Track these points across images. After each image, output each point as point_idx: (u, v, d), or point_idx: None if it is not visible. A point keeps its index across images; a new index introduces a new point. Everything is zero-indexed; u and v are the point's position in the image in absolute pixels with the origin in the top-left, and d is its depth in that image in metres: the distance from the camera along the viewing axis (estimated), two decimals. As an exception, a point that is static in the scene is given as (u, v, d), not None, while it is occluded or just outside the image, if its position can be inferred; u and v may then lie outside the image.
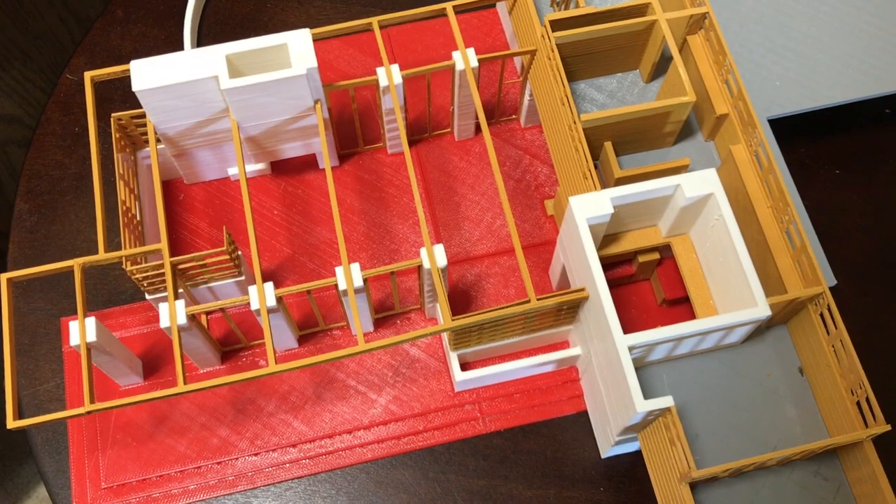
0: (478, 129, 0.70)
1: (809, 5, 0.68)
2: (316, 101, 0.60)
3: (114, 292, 0.65)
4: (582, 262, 0.54)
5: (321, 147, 0.65)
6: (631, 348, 0.51)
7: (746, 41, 0.66)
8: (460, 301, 0.65)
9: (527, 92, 0.67)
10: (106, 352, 0.56)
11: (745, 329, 0.54)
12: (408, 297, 0.64)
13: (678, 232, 0.59)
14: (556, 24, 0.60)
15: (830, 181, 0.69)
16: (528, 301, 0.54)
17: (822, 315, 0.53)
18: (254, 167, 0.67)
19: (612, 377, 0.53)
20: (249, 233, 0.55)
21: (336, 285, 0.55)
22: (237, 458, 0.60)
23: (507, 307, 0.54)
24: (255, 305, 0.54)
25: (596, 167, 0.62)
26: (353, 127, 0.68)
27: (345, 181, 0.69)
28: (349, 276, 0.55)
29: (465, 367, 0.62)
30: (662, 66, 0.64)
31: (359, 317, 0.54)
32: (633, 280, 0.64)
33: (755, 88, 0.64)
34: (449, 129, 0.70)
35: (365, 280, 0.56)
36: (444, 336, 0.61)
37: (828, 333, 0.53)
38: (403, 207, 0.68)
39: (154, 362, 0.63)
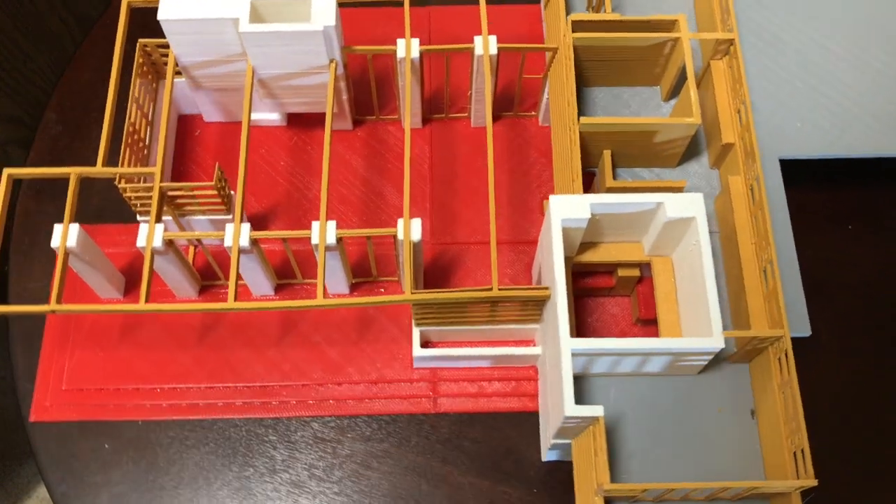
0: (496, 118, 0.70)
1: (850, 51, 0.66)
2: (331, 61, 0.61)
3: (119, 213, 0.68)
4: (549, 261, 0.54)
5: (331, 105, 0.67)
6: (574, 353, 0.50)
7: (775, 77, 0.65)
8: (435, 279, 0.65)
9: (546, 90, 0.67)
10: (85, 260, 0.58)
11: (701, 359, 0.53)
12: (388, 268, 0.65)
13: (660, 252, 0.58)
14: (579, 25, 0.60)
15: (841, 234, 0.67)
16: (490, 290, 0.55)
17: (780, 360, 0.52)
18: (268, 116, 0.69)
19: (555, 379, 0.52)
20: (240, 171, 0.57)
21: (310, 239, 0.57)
22: (192, 388, 0.62)
23: (467, 290, 0.54)
24: (227, 242, 0.56)
25: (594, 174, 0.62)
26: (370, 94, 0.69)
27: (354, 145, 0.70)
28: (323, 231, 0.56)
29: (428, 345, 0.63)
30: (682, 85, 0.63)
31: (324, 271, 0.55)
32: (613, 294, 0.64)
33: (773, 125, 0.63)
34: (467, 114, 0.71)
35: (340, 239, 0.57)
36: (413, 311, 0.62)
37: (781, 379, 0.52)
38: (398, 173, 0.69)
39: (137, 282, 0.65)
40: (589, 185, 0.62)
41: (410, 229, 0.56)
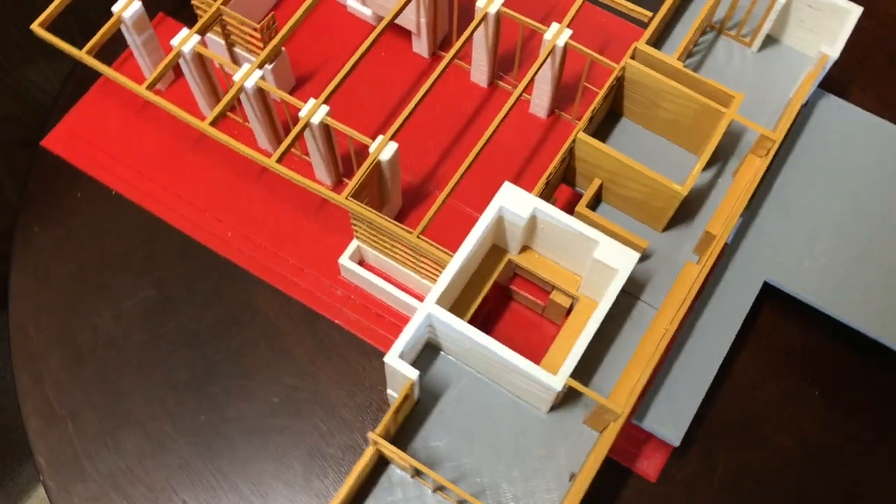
0: (550, 112, 0.71)
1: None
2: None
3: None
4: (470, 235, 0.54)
5: (412, 26, 0.70)
6: (432, 316, 0.51)
7: (805, 207, 0.61)
8: (406, 213, 0.67)
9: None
10: (140, 35, 0.65)
11: (542, 392, 0.52)
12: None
13: (591, 294, 0.57)
14: (640, 55, 0.59)
15: (798, 386, 0.63)
16: (412, 233, 0.56)
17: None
18: (361, 8, 0.73)
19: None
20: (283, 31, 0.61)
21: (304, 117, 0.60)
22: (190, 203, 0.69)
23: (388, 221, 0.56)
24: (236, 76, 0.61)
25: (580, 196, 0.61)
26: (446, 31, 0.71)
27: (420, 67, 0.73)
28: (314, 109, 0.59)
29: (361, 264, 0.65)
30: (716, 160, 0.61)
31: (293, 136, 0.59)
32: (545, 314, 0.63)
33: (779, 247, 0.59)
34: (527, 96, 0.71)
35: (326, 126, 0.60)
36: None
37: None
38: (435, 116, 0.72)
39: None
40: (568, 200, 0.62)
41: (385, 147, 0.59)
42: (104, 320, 0.66)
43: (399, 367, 0.50)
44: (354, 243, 0.64)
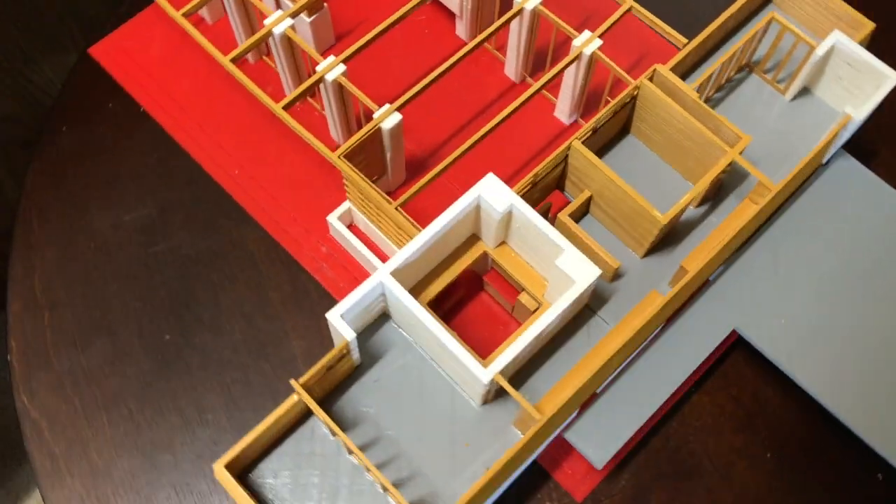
0: (572, 118, 0.70)
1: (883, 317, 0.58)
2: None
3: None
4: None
5: (456, 8, 0.70)
6: (385, 284, 0.52)
7: (795, 265, 0.59)
8: (406, 189, 0.68)
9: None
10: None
11: (473, 384, 0.52)
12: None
13: (553, 301, 0.57)
14: (657, 78, 0.58)
15: (752, 444, 0.61)
16: (391, 204, 0.57)
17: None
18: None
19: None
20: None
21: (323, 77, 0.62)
22: (209, 136, 0.72)
23: (371, 186, 0.57)
24: (267, 20, 0.62)
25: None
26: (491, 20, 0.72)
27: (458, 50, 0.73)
28: (331, 66, 0.61)
29: (350, 227, 0.67)
30: (715, 194, 0.60)
31: (304, 87, 0.60)
32: (513, 314, 0.63)
33: (757, 298, 0.58)
34: (554, 99, 0.71)
35: (340, 85, 0.61)
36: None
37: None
38: (461, 101, 0.72)
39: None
40: (562, 207, 0.61)
41: (388, 116, 0.60)
42: (103, 227, 0.69)
43: (338, 325, 0.51)
44: (346, 205, 0.65)
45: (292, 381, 0.50)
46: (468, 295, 0.64)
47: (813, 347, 0.57)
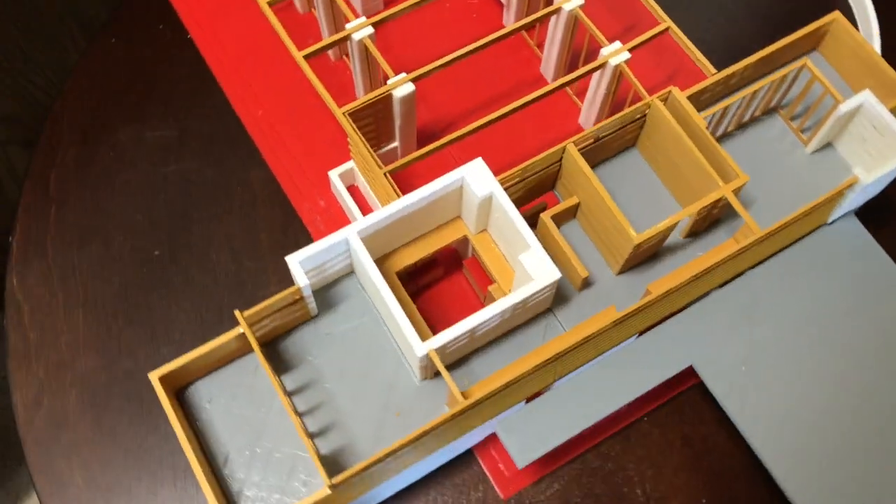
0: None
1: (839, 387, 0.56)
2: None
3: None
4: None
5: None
6: (346, 241, 0.53)
7: (770, 317, 0.58)
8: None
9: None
10: None
11: (416, 362, 0.53)
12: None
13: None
14: (670, 101, 0.58)
15: (692, 486, 0.60)
16: (381, 169, 0.58)
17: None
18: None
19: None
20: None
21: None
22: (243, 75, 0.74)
23: (365, 146, 0.59)
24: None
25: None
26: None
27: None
28: (360, 26, 0.62)
29: (350, 188, 0.68)
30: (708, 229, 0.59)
31: (329, 41, 0.62)
32: (485, 303, 0.63)
33: (722, 340, 0.57)
34: (581, 104, 0.71)
35: (364, 46, 0.63)
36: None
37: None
38: (493, 88, 0.73)
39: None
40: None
41: (401, 84, 0.60)
42: (125, 139, 0.72)
43: (294, 270, 0.52)
44: (350, 164, 0.67)
45: (236, 312, 0.51)
46: (446, 276, 0.65)
47: (767, 403, 0.56)
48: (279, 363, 0.56)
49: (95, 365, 0.64)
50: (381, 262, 0.58)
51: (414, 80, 0.61)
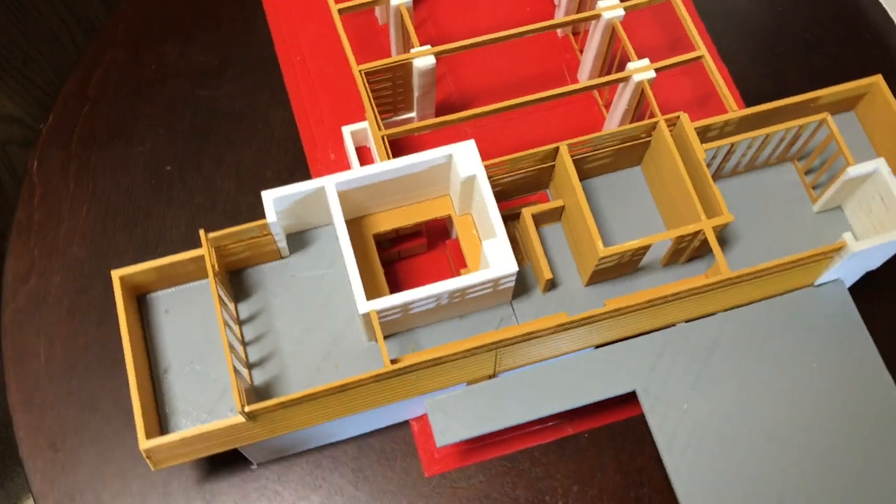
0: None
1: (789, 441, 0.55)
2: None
3: None
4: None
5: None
6: (322, 189, 0.55)
7: (713, 364, 0.56)
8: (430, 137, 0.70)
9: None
10: None
11: (360, 320, 0.54)
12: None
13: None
14: (675, 127, 0.57)
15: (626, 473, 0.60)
16: (380, 130, 0.59)
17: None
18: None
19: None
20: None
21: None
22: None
23: (371, 105, 0.60)
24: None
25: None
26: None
27: (548, 36, 0.74)
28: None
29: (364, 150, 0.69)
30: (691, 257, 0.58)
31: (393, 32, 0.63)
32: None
33: (670, 371, 0.56)
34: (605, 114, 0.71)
35: (398, 8, 0.64)
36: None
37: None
38: (527, 84, 0.73)
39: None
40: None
41: (423, 56, 0.61)
42: (168, 53, 0.75)
43: (266, 205, 0.54)
44: (364, 123, 0.68)
45: (201, 232, 0.53)
46: (430, 251, 0.65)
47: (696, 447, 0.55)
48: (240, 291, 0.58)
49: (86, 256, 0.67)
50: (359, 220, 0.59)
51: (438, 55, 0.62)
